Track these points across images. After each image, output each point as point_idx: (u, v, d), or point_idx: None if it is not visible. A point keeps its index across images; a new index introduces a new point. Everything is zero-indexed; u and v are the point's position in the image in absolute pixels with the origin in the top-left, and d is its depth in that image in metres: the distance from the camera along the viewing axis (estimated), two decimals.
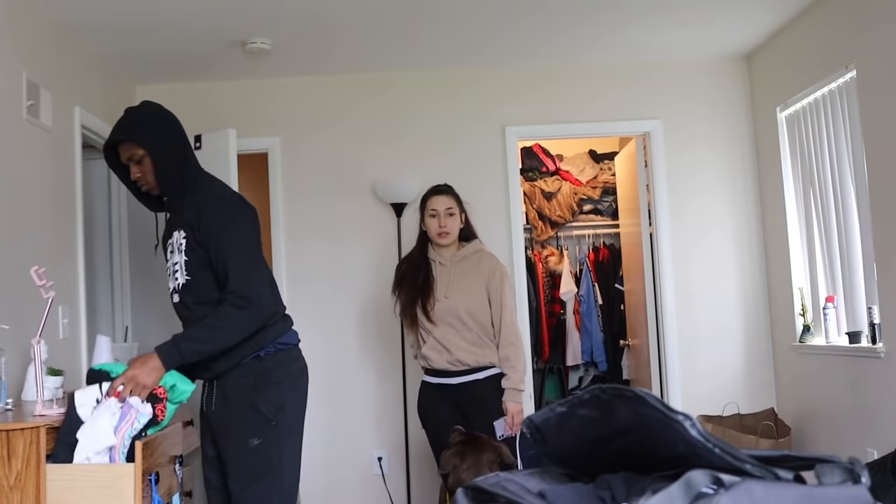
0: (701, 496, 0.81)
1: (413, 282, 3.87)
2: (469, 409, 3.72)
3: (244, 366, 2.84)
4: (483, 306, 3.77)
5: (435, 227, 3.85)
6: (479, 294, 3.78)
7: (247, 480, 2.81)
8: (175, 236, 2.86)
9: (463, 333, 3.75)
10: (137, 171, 2.84)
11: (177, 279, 2.84)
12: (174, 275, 2.86)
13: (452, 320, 3.76)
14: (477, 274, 3.81)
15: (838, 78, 4.26)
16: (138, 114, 2.91)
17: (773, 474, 0.84)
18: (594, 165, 6.90)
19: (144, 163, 2.82)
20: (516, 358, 3.74)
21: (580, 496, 0.98)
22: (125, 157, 2.86)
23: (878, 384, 4.00)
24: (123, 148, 2.85)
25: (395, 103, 5.33)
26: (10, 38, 3.63)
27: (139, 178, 2.85)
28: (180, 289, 2.84)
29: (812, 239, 4.66)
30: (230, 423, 2.85)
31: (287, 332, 2.94)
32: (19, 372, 3.33)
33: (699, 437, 0.85)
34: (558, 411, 1.00)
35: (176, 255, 2.84)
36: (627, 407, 0.90)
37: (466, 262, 3.85)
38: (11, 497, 2.46)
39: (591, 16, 4.48)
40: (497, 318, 3.77)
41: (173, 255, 2.86)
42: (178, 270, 2.83)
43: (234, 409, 2.84)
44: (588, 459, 1.02)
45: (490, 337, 3.78)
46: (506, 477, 1.03)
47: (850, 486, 0.82)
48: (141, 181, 2.86)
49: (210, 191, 2.89)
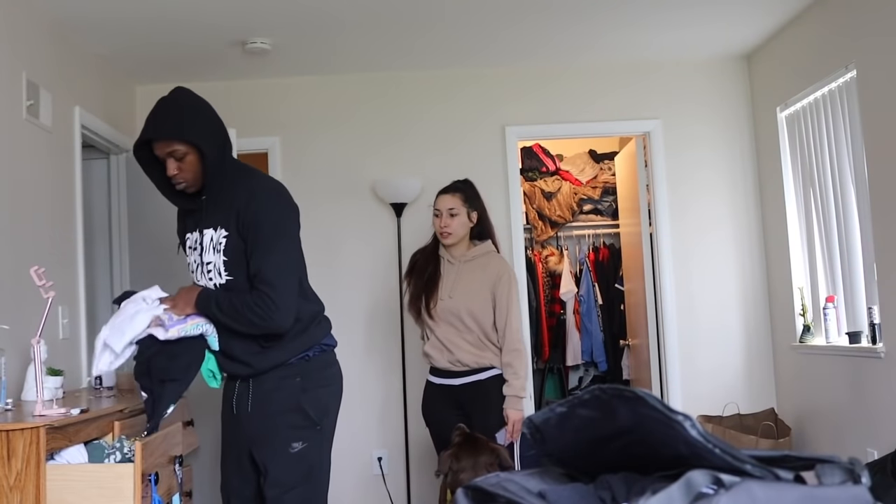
0: (701, 496, 0.81)
1: (422, 275, 3.87)
2: (472, 409, 3.71)
3: (290, 365, 2.69)
4: (486, 309, 3.73)
5: (437, 226, 3.84)
6: (483, 296, 3.74)
7: (287, 486, 2.65)
8: (210, 235, 2.67)
9: (463, 334, 3.74)
10: (176, 169, 2.61)
11: (211, 280, 2.67)
12: (207, 275, 2.68)
13: (453, 320, 3.74)
14: (483, 276, 3.77)
15: (838, 78, 4.26)
16: (179, 107, 2.65)
17: (773, 474, 0.84)
18: (594, 165, 6.90)
19: (187, 160, 2.60)
20: (519, 364, 3.70)
21: (580, 496, 0.98)
22: (163, 152, 2.61)
23: (878, 384, 4.00)
24: (162, 144, 2.61)
25: (394, 103, 5.33)
26: (9, 37, 3.63)
27: (177, 175, 2.62)
28: (217, 288, 2.69)
29: (812, 239, 4.65)
30: (273, 426, 2.67)
31: (329, 332, 2.86)
32: (19, 372, 3.33)
33: (699, 437, 0.85)
34: (558, 412, 1.00)
35: (210, 255, 2.66)
36: (627, 407, 0.90)
37: (474, 262, 3.82)
38: (11, 497, 2.46)
39: (591, 16, 4.48)
40: (502, 323, 3.73)
41: (206, 255, 2.68)
42: (213, 271, 2.67)
43: (279, 412, 2.66)
44: (588, 459, 1.02)
45: (490, 340, 3.75)
46: (506, 477, 1.03)
47: (851, 487, 0.82)
48: (179, 178, 2.63)
49: (265, 180, 2.77)
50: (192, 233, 2.74)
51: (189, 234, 2.75)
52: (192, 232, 2.73)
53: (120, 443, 2.75)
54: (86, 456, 2.68)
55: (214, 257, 2.65)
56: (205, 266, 2.69)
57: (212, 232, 2.66)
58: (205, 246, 2.67)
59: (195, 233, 2.71)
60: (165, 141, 2.59)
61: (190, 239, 2.74)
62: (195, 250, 2.72)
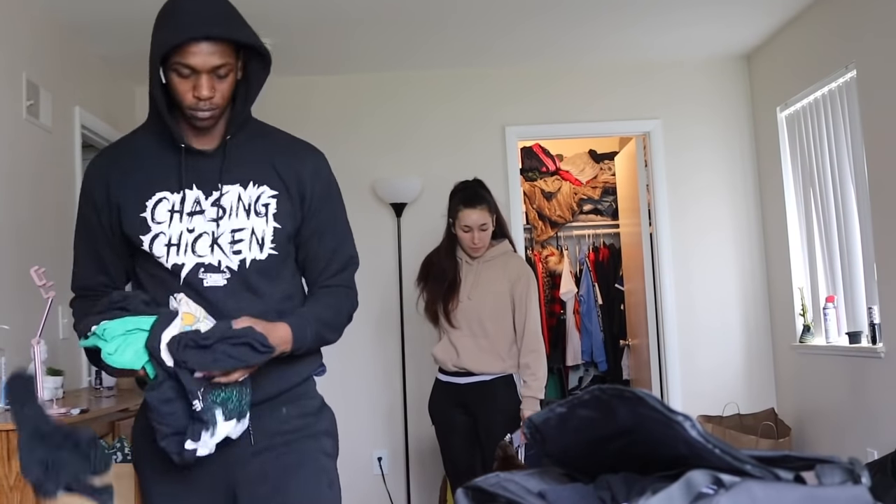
0: (701, 496, 0.81)
1: (439, 279, 3.78)
2: (477, 409, 3.70)
3: (310, 382, 2.03)
4: (506, 311, 3.70)
5: (468, 242, 3.72)
6: (503, 298, 3.70)
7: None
8: (236, 193, 1.91)
9: (479, 340, 3.69)
10: (211, 90, 1.83)
11: (238, 254, 1.89)
12: (223, 248, 1.89)
13: (473, 324, 3.69)
14: (503, 276, 3.73)
15: (838, 78, 4.26)
16: (228, 5, 1.94)
17: (773, 475, 0.84)
18: (594, 165, 6.90)
19: (227, 81, 1.86)
20: (537, 366, 3.66)
21: (580, 496, 0.98)
22: (204, 63, 1.82)
23: (878, 384, 4.00)
24: (205, 51, 1.82)
25: (394, 103, 5.33)
26: (10, 38, 3.63)
27: (211, 99, 1.84)
28: (248, 266, 1.89)
29: (812, 239, 4.66)
30: (296, 463, 1.91)
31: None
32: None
33: (699, 437, 0.85)
34: (558, 412, 1.00)
35: (240, 218, 1.90)
36: (627, 407, 0.90)
37: (493, 263, 3.76)
38: (11, 497, 2.46)
39: (592, 17, 4.48)
40: (521, 324, 3.69)
41: (230, 219, 1.90)
42: (246, 242, 1.90)
43: (305, 445, 1.93)
44: (588, 460, 1.02)
45: (506, 345, 3.70)
46: (506, 477, 1.03)
47: (851, 487, 0.82)
48: (209, 105, 1.85)
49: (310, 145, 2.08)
50: (178, 191, 1.89)
51: (168, 194, 1.89)
52: (182, 189, 1.90)
53: (120, 443, 2.75)
54: None
55: (252, 222, 1.90)
56: (221, 236, 1.89)
57: (238, 189, 1.91)
58: (226, 207, 1.89)
59: (193, 190, 1.90)
60: (215, 44, 1.82)
61: (170, 200, 1.89)
62: (189, 215, 1.89)
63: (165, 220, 1.89)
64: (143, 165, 1.94)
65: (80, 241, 2.03)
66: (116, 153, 2.03)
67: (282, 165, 1.98)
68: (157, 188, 1.91)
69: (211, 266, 1.89)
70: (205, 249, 1.89)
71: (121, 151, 2.02)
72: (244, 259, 1.90)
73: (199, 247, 1.89)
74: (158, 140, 1.93)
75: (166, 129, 1.90)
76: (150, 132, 1.96)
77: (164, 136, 1.92)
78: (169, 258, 1.88)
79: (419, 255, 4.07)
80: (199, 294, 1.86)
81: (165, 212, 1.90)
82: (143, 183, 1.92)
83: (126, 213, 1.91)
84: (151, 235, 1.89)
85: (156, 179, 1.92)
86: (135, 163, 1.95)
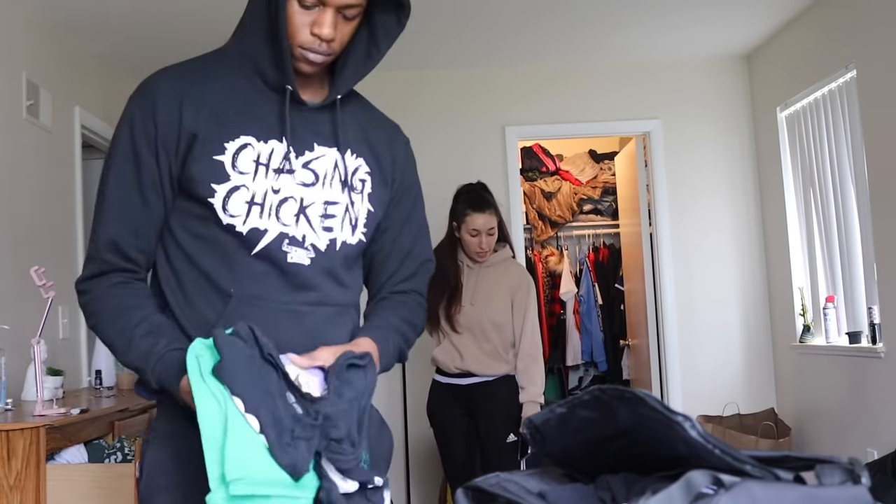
0: (701, 496, 0.81)
1: (442, 284, 3.70)
2: (478, 410, 3.70)
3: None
4: (507, 316, 3.69)
5: (474, 246, 3.71)
6: (504, 303, 3.70)
7: None
8: (335, 160, 1.55)
9: (481, 344, 3.69)
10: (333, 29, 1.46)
11: (329, 231, 1.52)
12: (312, 222, 1.51)
13: (475, 329, 3.69)
14: (504, 283, 3.73)
15: (838, 78, 4.26)
16: None
17: (773, 475, 0.84)
18: (594, 165, 6.91)
19: (353, 23, 1.51)
20: (535, 370, 3.67)
21: (580, 496, 0.98)
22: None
23: (878, 384, 4.00)
24: None
25: (394, 103, 5.29)
26: (9, 38, 3.63)
27: (332, 43, 1.48)
28: (337, 249, 1.54)
29: (812, 239, 4.66)
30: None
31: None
32: (19, 372, 3.33)
33: (699, 437, 0.85)
34: (558, 412, 1.00)
35: (335, 190, 1.53)
36: (627, 408, 0.90)
37: (494, 268, 3.76)
38: (11, 497, 2.46)
39: (592, 18, 4.49)
40: (518, 330, 3.70)
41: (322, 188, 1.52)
42: (339, 218, 1.54)
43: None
44: (588, 460, 1.02)
45: (508, 348, 3.70)
46: (506, 477, 1.03)
47: (851, 487, 0.82)
48: (325, 47, 1.47)
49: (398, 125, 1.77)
50: (265, 140, 1.49)
51: (254, 141, 1.48)
52: (270, 140, 1.49)
53: (120, 443, 2.75)
54: (86, 456, 2.68)
55: (348, 197, 1.55)
56: (311, 206, 1.51)
57: (336, 155, 1.55)
58: (319, 173, 1.52)
59: (282, 143, 1.50)
60: None
61: (255, 149, 1.48)
62: (276, 172, 1.48)
63: (249, 172, 1.46)
64: (228, 97, 1.50)
65: (118, 189, 1.47)
66: (191, 72, 1.52)
67: (378, 141, 1.65)
68: (242, 129, 1.48)
69: (295, 239, 1.49)
70: (290, 218, 1.49)
71: (196, 72, 1.52)
72: (334, 239, 1.53)
73: (283, 213, 1.48)
74: (246, 76, 1.51)
75: (260, 65, 1.49)
76: (229, 64, 1.53)
77: (253, 73, 1.51)
78: (248, 220, 1.45)
79: None
80: (281, 270, 1.47)
81: (250, 161, 1.47)
82: (227, 117, 1.48)
83: (202, 150, 1.45)
84: (229, 187, 1.45)
85: (242, 119, 1.48)
86: (218, 91, 1.50)
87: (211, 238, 1.46)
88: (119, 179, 1.47)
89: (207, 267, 1.47)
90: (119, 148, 1.49)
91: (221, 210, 1.44)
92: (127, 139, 1.47)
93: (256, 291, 1.47)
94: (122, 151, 1.48)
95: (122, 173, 1.47)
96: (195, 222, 1.48)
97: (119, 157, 1.48)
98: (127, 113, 1.50)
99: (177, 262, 1.49)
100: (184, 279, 1.48)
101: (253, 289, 1.47)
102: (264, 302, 1.47)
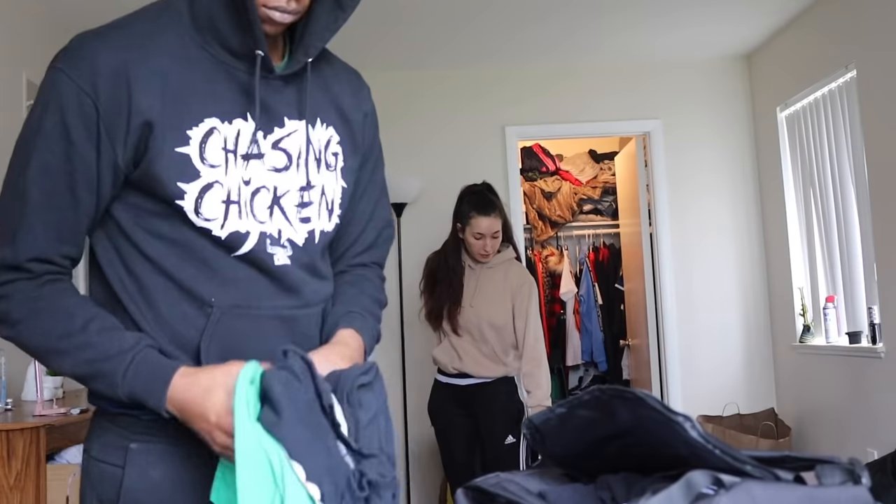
0: (701, 496, 0.81)
1: (444, 284, 3.73)
2: (479, 410, 3.69)
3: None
4: (506, 318, 3.67)
5: (479, 249, 3.69)
6: (504, 306, 3.68)
7: None
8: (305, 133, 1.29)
9: (480, 346, 3.68)
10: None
11: (307, 221, 1.30)
12: (288, 213, 1.27)
13: (473, 331, 3.67)
14: (505, 285, 3.71)
15: (838, 78, 4.26)
16: None
17: (773, 475, 0.84)
18: (594, 165, 6.91)
19: None
20: (539, 374, 3.64)
21: (580, 496, 0.98)
22: None
23: (878, 384, 4.01)
24: None
25: (395, 103, 5.33)
26: (10, 38, 3.63)
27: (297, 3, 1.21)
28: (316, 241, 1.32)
29: (812, 239, 4.66)
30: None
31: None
32: (19, 372, 3.33)
33: (699, 438, 0.85)
34: (558, 412, 1.00)
35: (311, 171, 1.29)
36: (627, 408, 0.90)
37: (495, 270, 3.74)
38: (11, 497, 2.46)
39: (592, 18, 4.49)
40: (521, 333, 3.67)
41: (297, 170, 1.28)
42: (315, 206, 1.31)
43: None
44: (588, 460, 1.02)
45: (507, 351, 3.69)
46: (506, 477, 1.03)
47: (851, 487, 0.82)
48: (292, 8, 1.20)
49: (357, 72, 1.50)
50: (229, 121, 1.22)
51: (218, 123, 1.21)
52: (234, 119, 1.22)
53: None
54: None
55: (323, 178, 1.32)
56: (285, 195, 1.27)
57: (307, 128, 1.29)
58: (291, 153, 1.28)
59: (248, 122, 1.23)
60: None
61: (220, 134, 1.21)
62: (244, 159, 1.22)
63: (220, 164, 1.20)
64: (183, 70, 1.20)
65: (41, 185, 1.17)
66: (135, 38, 1.21)
67: (344, 98, 1.39)
68: (205, 111, 1.20)
69: (272, 237, 1.25)
70: (264, 213, 1.24)
71: (140, 38, 1.21)
72: (313, 231, 1.30)
73: (257, 208, 1.23)
74: (200, 43, 1.22)
75: (218, 27, 1.21)
76: (178, 29, 1.22)
77: (211, 38, 1.22)
78: (227, 223, 1.20)
79: (419, 256, 4.07)
80: (268, 274, 1.25)
81: (219, 150, 1.20)
82: (186, 97, 1.19)
83: (162, 142, 1.17)
84: (201, 185, 1.19)
85: (203, 97, 1.20)
86: (169, 63, 1.19)
87: (181, 240, 1.20)
88: (43, 173, 1.16)
89: (180, 274, 1.21)
90: (44, 131, 1.15)
91: (194, 213, 1.18)
92: (55, 121, 1.15)
93: (240, 299, 1.23)
94: (48, 136, 1.15)
95: (47, 165, 1.16)
96: (156, 220, 1.20)
97: (44, 143, 1.15)
98: (53, 86, 1.16)
99: (136, 266, 1.21)
100: (147, 284, 1.21)
101: (236, 297, 1.23)
102: (250, 310, 1.24)
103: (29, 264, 1.17)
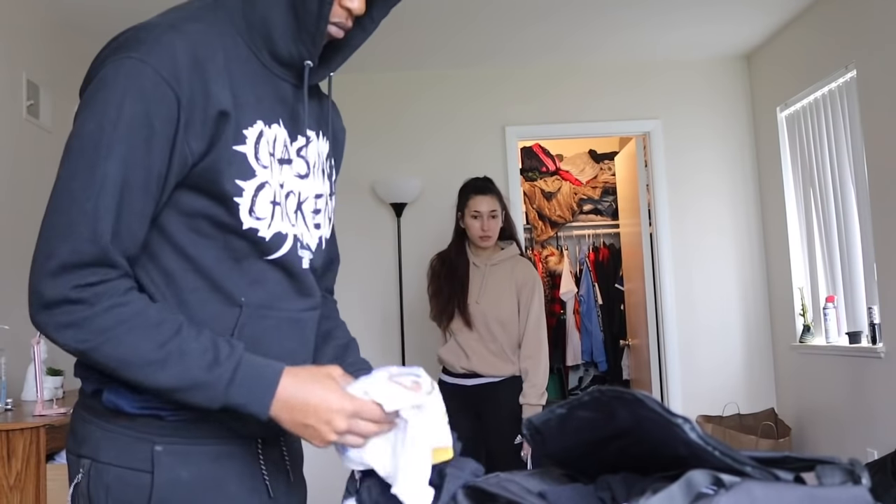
0: (701, 496, 0.81)
1: (451, 282, 3.71)
2: (484, 411, 3.67)
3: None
4: (513, 315, 3.66)
5: (477, 230, 3.68)
6: (510, 302, 3.67)
7: None
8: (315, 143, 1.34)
9: (487, 343, 3.66)
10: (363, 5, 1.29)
11: (319, 227, 1.34)
12: (306, 219, 1.30)
13: (480, 328, 3.66)
14: (510, 281, 3.69)
15: (838, 78, 4.26)
16: None
17: (773, 475, 0.84)
18: (594, 165, 6.91)
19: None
20: (535, 372, 3.62)
21: (580, 497, 0.98)
22: None
23: (878, 384, 4.01)
24: None
25: (395, 103, 5.33)
26: (10, 37, 3.63)
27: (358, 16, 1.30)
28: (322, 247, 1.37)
29: (812, 239, 4.66)
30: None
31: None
32: (19, 372, 3.33)
33: (698, 439, 0.85)
34: (558, 413, 1.00)
35: (319, 180, 1.34)
36: (627, 409, 0.91)
37: (500, 267, 3.72)
38: (11, 497, 2.46)
39: (592, 18, 4.49)
40: (522, 329, 3.66)
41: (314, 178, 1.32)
42: (324, 213, 1.36)
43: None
44: (588, 460, 1.02)
45: (514, 348, 3.67)
46: (506, 477, 1.03)
47: (851, 487, 0.82)
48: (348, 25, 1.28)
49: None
50: (271, 124, 1.24)
51: (264, 127, 1.23)
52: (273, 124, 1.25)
53: None
54: None
55: (326, 188, 1.37)
56: (306, 200, 1.30)
57: (318, 140, 1.36)
58: (310, 161, 1.32)
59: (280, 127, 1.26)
60: None
61: (265, 137, 1.23)
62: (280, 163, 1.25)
63: (269, 165, 1.21)
64: (236, 70, 1.21)
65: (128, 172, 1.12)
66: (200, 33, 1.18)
67: (334, 116, 1.43)
68: (256, 112, 1.21)
69: (300, 241, 1.28)
70: (294, 216, 1.27)
71: (205, 34, 1.19)
72: (321, 237, 1.34)
73: (290, 211, 1.26)
74: (249, 46, 1.24)
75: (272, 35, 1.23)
76: (229, 30, 1.22)
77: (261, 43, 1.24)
78: (273, 223, 1.22)
79: (419, 255, 4.07)
80: (293, 277, 1.28)
81: (267, 153, 1.22)
82: (242, 97, 1.20)
83: (227, 136, 1.17)
84: (256, 184, 1.19)
85: (254, 99, 1.22)
86: (227, 61, 1.20)
87: (221, 239, 1.20)
88: (130, 161, 1.11)
89: (216, 272, 1.20)
90: (125, 120, 1.10)
91: (247, 212, 1.18)
92: (137, 110, 1.10)
93: (265, 300, 1.25)
94: (129, 125, 1.10)
95: (129, 156, 1.10)
96: (201, 221, 1.19)
97: (126, 132, 1.10)
98: (132, 76, 1.11)
99: (171, 263, 1.20)
100: (179, 282, 1.20)
101: (262, 297, 1.24)
102: (271, 311, 1.26)
103: (115, 257, 1.12)
